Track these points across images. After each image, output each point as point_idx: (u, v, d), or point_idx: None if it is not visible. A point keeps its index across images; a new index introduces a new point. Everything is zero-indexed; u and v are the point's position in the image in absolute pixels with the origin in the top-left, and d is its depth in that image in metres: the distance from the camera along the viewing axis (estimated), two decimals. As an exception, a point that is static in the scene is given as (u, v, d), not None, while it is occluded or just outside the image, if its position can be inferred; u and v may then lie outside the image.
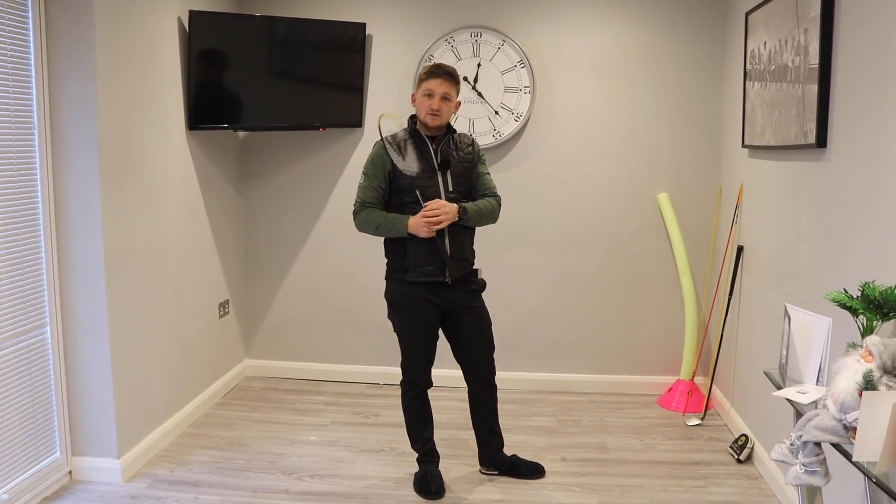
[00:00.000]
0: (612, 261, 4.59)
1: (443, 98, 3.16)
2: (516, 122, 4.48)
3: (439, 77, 3.16)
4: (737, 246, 3.98)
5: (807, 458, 1.86)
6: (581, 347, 4.67)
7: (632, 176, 4.52)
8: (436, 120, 3.18)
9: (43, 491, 3.23)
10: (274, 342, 4.92)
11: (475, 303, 3.34)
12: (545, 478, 3.47)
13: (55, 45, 3.16)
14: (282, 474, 3.51)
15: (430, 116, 3.17)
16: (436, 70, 3.18)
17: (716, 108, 4.42)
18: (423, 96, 3.18)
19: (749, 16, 3.72)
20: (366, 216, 3.20)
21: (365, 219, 3.20)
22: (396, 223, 3.16)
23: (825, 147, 2.83)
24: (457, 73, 3.23)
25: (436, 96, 3.15)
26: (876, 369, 1.74)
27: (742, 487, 3.38)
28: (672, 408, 4.36)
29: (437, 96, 3.15)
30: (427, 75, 3.19)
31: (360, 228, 3.25)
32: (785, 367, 2.31)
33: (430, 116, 3.17)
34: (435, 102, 3.15)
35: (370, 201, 3.21)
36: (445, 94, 3.16)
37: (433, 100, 3.15)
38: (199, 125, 4.07)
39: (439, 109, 3.16)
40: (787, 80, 3.17)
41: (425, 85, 3.17)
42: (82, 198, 3.24)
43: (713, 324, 4.39)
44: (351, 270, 4.72)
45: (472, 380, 3.41)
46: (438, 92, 3.15)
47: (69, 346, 3.34)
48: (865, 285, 2.08)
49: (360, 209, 3.22)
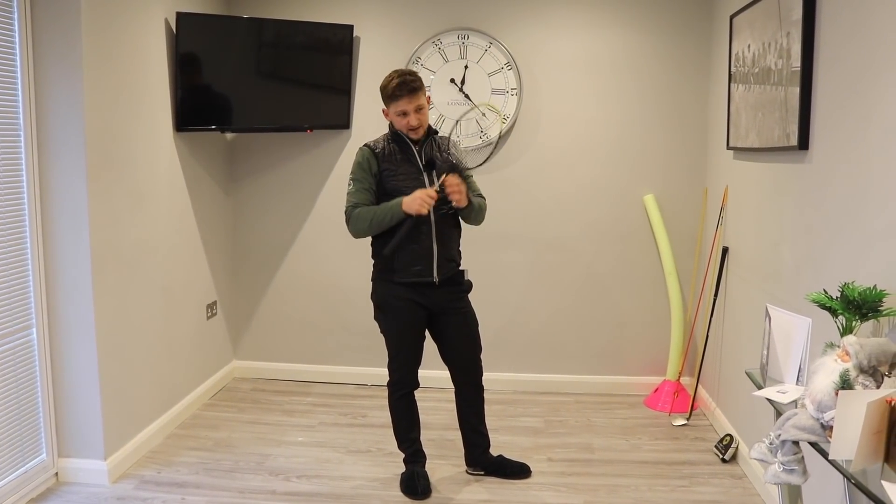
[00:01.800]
0: (598, 262, 4.61)
1: (417, 111, 3.16)
2: (503, 123, 4.49)
3: (405, 96, 3.12)
4: (722, 247, 4.01)
5: (785, 456, 1.89)
6: (568, 348, 4.69)
7: (618, 177, 4.54)
8: (418, 132, 3.20)
9: (29, 493, 3.22)
10: (262, 343, 4.92)
11: (462, 303, 3.35)
12: (531, 478, 3.48)
13: (41, 45, 3.15)
14: (269, 475, 3.51)
15: (411, 132, 3.19)
16: (399, 91, 3.12)
17: (701, 109, 4.45)
18: (398, 116, 3.17)
19: (734, 19, 3.75)
20: (359, 214, 3.16)
21: (357, 217, 3.16)
22: (390, 209, 3.12)
23: (807, 149, 2.86)
24: (417, 79, 3.17)
25: (410, 114, 3.15)
26: (852, 369, 1.77)
27: (726, 487, 3.41)
28: (658, 408, 4.38)
29: (412, 112, 3.15)
30: (391, 98, 3.14)
31: (354, 231, 3.19)
32: (766, 367, 2.34)
33: (411, 132, 3.19)
34: (412, 119, 3.15)
35: (363, 203, 3.18)
36: (418, 106, 3.16)
37: (409, 118, 3.15)
38: (186, 126, 4.07)
39: (419, 122, 3.17)
40: (771, 82, 3.20)
41: (395, 106, 3.15)
42: (69, 199, 3.23)
43: (699, 324, 4.42)
44: (339, 271, 4.73)
45: (458, 380, 3.42)
46: (411, 108, 3.14)
47: (56, 347, 3.33)
48: (845, 286, 2.11)
49: (352, 212, 3.18)
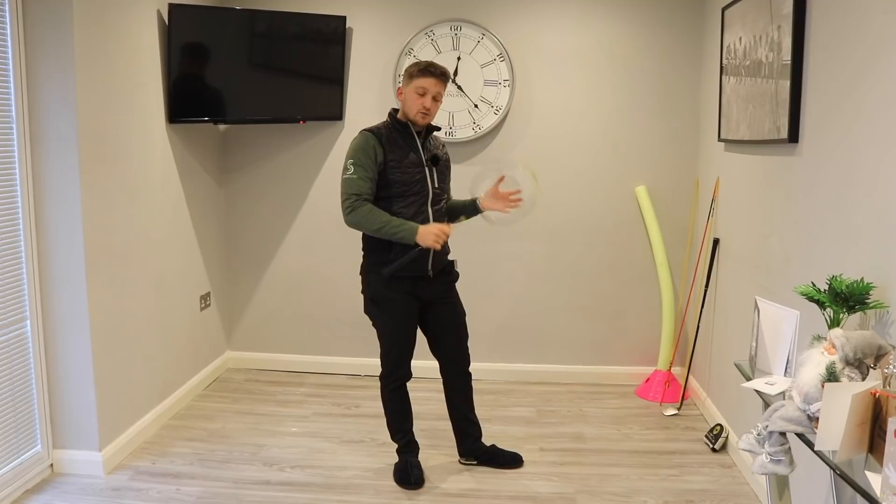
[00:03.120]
0: (590, 253, 4.64)
1: (434, 98, 3.14)
2: (496, 115, 4.51)
3: (434, 77, 3.10)
4: (713, 238, 4.04)
5: (772, 447, 1.92)
6: (560, 338, 4.73)
7: (610, 169, 4.56)
8: (426, 119, 3.16)
9: (24, 484, 3.24)
10: (255, 334, 4.94)
11: (451, 293, 3.38)
12: (523, 467, 3.52)
13: (33, 38, 3.14)
14: (263, 465, 3.54)
15: (420, 115, 3.14)
16: (431, 69, 3.11)
17: (693, 102, 4.47)
18: (415, 94, 3.12)
19: (725, 11, 3.77)
20: (367, 213, 3.04)
21: (366, 216, 3.04)
22: (404, 230, 3.03)
23: (797, 142, 2.89)
24: (449, 74, 3.20)
25: (428, 95, 3.11)
26: (839, 361, 1.80)
27: (716, 476, 3.45)
28: (650, 398, 4.42)
29: (430, 95, 3.12)
30: (421, 72, 3.10)
31: (353, 223, 3.08)
32: (755, 359, 2.37)
33: (420, 115, 3.14)
34: (427, 101, 3.12)
35: (367, 193, 3.07)
36: (437, 94, 3.14)
37: (426, 98, 3.11)
38: (179, 118, 4.06)
39: (431, 109, 3.14)
40: (762, 75, 3.22)
41: (418, 82, 3.10)
42: (62, 191, 3.23)
43: (690, 315, 4.45)
44: (332, 262, 4.74)
45: (448, 369, 3.44)
46: (432, 91, 3.11)
47: (50, 339, 3.34)
48: (833, 279, 2.14)
49: (358, 203, 3.05)
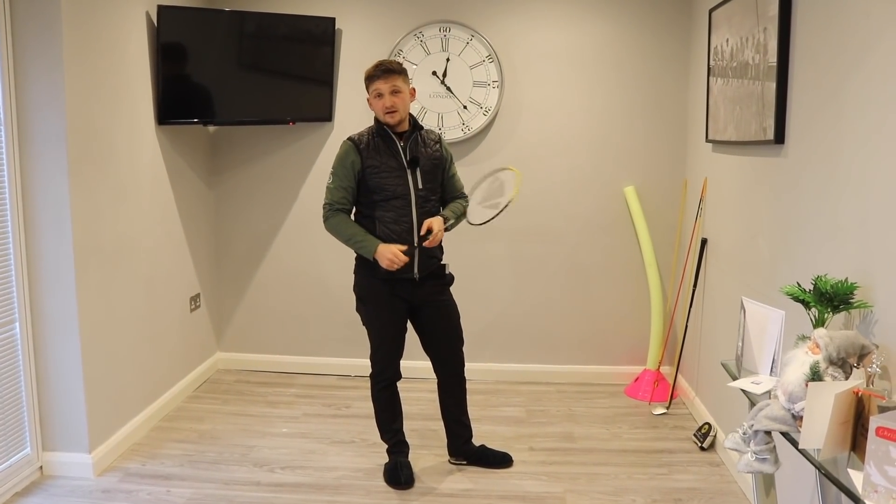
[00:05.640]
0: (579, 253, 4.66)
1: (393, 93, 3.17)
2: (485, 116, 4.52)
3: (380, 77, 3.17)
4: (701, 238, 4.06)
5: (758, 446, 1.94)
6: (549, 338, 4.74)
7: (598, 169, 4.58)
8: (394, 116, 3.19)
9: (14, 486, 3.23)
10: (245, 335, 4.94)
11: (443, 296, 3.39)
12: (513, 467, 3.53)
13: (21, 39, 3.13)
14: (253, 466, 3.54)
15: (388, 115, 3.19)
16: (375, 72, 3.19)
17: (681, 102, 4.50)
18: (374, 98, 3.20)
19: (713, 13, 3.79)
20: (336, 224, 3.23)
21: (336, 226, 3.23)
22: (365, 245, 3.19)
23: (783, 143, 2.91)
24: (397, 65, 3.22)
25: (385, 94, 3.16)
26: (822, 361, 1.82)
27: (704, 474, 3.47)
28: (639, 397, 4.44)
29: (387, 94, 3.16)
30: (369, 79, 3.20)
31: (328, 231, 3.27)
32: (741, 358, 2.39)
33: (388, 115, 3.19)
34: (387, 101, 3.17)
35: (339, 203, 3.23)
36: (393, 88, 3.17)
37: (384, 99, 3.17)
38: (168, 119, 4.06)
39: (393, 105, 3.18)
40: (748, 76, 3.24)
41: (372, 88, 3.20)
42: (51, 193, 3.23)
43: (678, 314, 4.48)
44: (321, 263, 4.75)
45: (440, 371, 3.46)
46: (386, 90, 3.16)
47: (39, 341, 3.33)
48: (818, 279, 2.16)
49: (330, 213, 3.23)
